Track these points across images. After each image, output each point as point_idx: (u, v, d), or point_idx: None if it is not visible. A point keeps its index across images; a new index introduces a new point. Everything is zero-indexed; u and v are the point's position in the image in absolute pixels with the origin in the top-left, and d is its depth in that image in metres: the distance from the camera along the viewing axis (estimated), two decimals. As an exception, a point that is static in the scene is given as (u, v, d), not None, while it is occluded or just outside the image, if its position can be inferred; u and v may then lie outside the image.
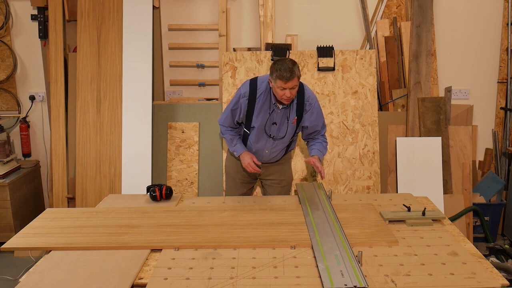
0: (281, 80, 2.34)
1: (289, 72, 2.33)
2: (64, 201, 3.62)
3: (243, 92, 2.57)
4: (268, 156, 2.72)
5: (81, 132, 3.56)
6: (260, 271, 1.79)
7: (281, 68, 2.34)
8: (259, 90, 2.55)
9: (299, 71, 2.40)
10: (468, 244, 2.03)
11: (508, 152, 3.91)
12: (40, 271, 1.81)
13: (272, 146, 2.67)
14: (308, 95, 2.60)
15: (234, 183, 2.90)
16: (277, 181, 2.87)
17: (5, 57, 3.89)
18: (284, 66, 2.35)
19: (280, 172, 2.85)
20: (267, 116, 2.57)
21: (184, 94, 4.00)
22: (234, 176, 2.88)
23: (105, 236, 2.11)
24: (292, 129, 2.64)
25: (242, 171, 2.83)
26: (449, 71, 3.90)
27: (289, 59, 2.42)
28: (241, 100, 2.57)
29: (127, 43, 3.56)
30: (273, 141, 2.65)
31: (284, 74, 2.33)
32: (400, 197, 2.62)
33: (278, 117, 2.58)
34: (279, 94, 2.42)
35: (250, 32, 3.88)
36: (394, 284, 1.68)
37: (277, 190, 2.88)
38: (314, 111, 2.61)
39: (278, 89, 2.39)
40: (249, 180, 2.90)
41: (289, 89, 2.37)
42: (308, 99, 2.58)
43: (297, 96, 2.55)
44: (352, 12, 3.86)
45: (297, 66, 2.40)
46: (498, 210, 3.73)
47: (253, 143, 2.68)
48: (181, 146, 3.61)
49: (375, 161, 3.49)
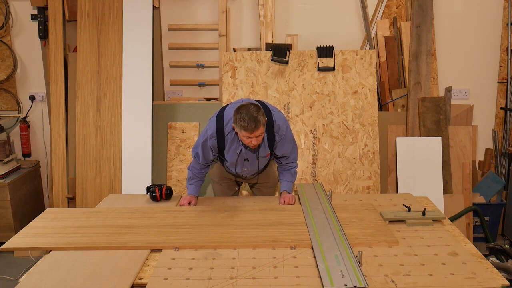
0: (246, 131, 2.23)
1: (253, 123, 2.20)
2: (64, 201, 3.62)
3: (210, 133, 2.46)
4: (247, 172, 2.68)
5: (81, 132, 3.56)
6: (260, 271, 1.79)
7: (245, 119, 2.20)
8: (226, 129, 2.45)
9: (264, 117, 2.26)
10: (468, 244, 2.03)
11: (508, 152, 3.91)
12: (40, 271, 1.81)
13: (249, 171, 2.66)
14: (278, 127, 2.46)
15: (220, 187, 2.93)
16: (262, 184, 2.91)
17: (5, 57, 3.89)
18: (248, 115, 2.20)
19: (263, 176, 2.87)
20: (235, 156, 2.52)
21: (184, 94, 4.00)
22: (218, 181, 2.91)
23: (105, 236, 2.11)
24: (265, 161, 2.64)
25: (224, 177, 2.85)
26: (449, 71, 3.90)
27: (254, 106, 2.25)
28: (209, 140, 2.48)
29: (127, 43, 3.56)
30: (248, 168, 2.63)
31: (248, 125, 2.20)
32: (400, 197, 2.62)
33: (248, 154, 2.52)
34: (245, 142, 2.32)
35: (250, 32, 3.88)
36: (394, 284, 1.68)
37: (264, 191, 2.93)
38: (285, 141, 2.52)
39: (244, 138, 2.29)
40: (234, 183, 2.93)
41: (255, 137, 2.27)
42: (278, 131, 2.47)
43: (266, 131, 2.42)
44: (352, 12, 3.86)
45: (261, 112, 2.25)
46: (498, 210, 3.73)
47: (230, 167, 2.65)
48: (181, 146, 3.61)
49: (375, 161, 3.49)
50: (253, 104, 2.28)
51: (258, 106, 2.29)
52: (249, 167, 2.61)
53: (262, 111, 2.28)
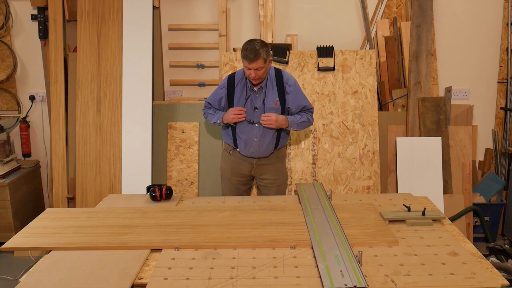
0: (245, 60, 2.40)
1: (253, 53, 2.37)
2: (64, 201, 3.62)
3: (222, 83, 2.69)
4: (258, 146, 2.70)
5: (81, 132, 3.56)
6: (260, 271, 1.79)
7: (247, 48, 2.38)
8: (236, 78, 2.63)
9: (267, 53, 2.41)
10: (468, 244, 2.03)
11: (508, 152, 3.91)
12: (40, 271, 1.81)
13: (259, 134, 2.67)
14: (287, 77, 2.63)
15: (231, 185, 2.89)
16: (271, 181, 2.86)
17: (5, 57, 3.89)
18: (251, 46, 2.38)
19: (273, 171, 2.84)
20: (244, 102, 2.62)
21: (184, 94, 4.00)
22: (230, 178, 2.87)
23: (105, 236, 2.11)
24: (276, 112, 2.64)
25: (237, 172, 2.83)
26: (449, 71, 3.90)
27: (260, 40, 2.44)
28: (220, 90, 2.68)
29: (127, 43, 3.57)
30: (258, 127, 2.65)
31: (248, 54, 2.37)
32: (400, 197, 2.62)
33: (258, 101, 2.60)
34: (246, 73, 2.49)
35: (250, 32, 3.88)
36: (394, 284, 1.68)
37: (273, 190, 2.87)
38: (298, 92, 2.65)
39: (245, 68, 2.46)
40: (245, 181, 2.89)
41: (254, 69, 2.41)
42: (287, 81, 2.62)
43: (275, 79, 2.59)
44: (352, 12, 3.86)
45: (266, 48, 2.41)
46: (498, 210, 3.73)
47: (241, 134, 2.70)
48: (181, 146, 3.61)
49: (375, 161, 3.49)
50: (260, 40, 2.45)
51: (264, 42, 2.44)
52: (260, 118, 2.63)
53: (268, 48, 2.43)
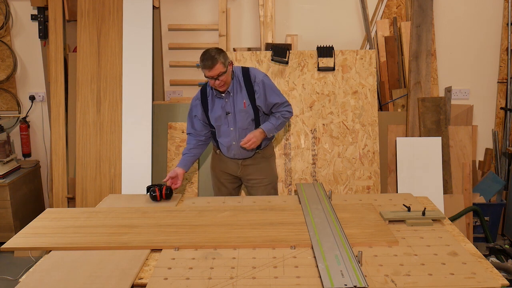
0: (205, 69, 2.41)
1: (210, 61, 2.38)
2: (64, 201, 3.62)
3: (196, 95, 2.70)
4: (238, 148, 2.70)
5: (81, 132, 3.56)
6: (260, 271, 1.79)
7: (204, 58, 2.40)
8: (208, 88, 2.64)
9: (224, 57, 2.43)
10: (468, 244, 2.03)
11: (508, 152, 3.91)
12: (40, 271, 1.81)
13: (237, 137, 2.69)
14: (254, 75, 2.63)
15: (219, 183, 2.93)
16: (258, 181, 2.86)
17: (5, 57, 3.89)
18: (207, 55, 2.41)
19: (258, 171, 2.85)
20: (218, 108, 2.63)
21: (184, 94, 4.00)
22: (218, 176, 2.91)
23: (105, 236, 2.10)
24: (246, 113, 2.64)
25: (224, 171, 2.86)
26: (449, 71, 3.90)
27: (215, 48, 2.46)
28: (195, 102, 2.69)
29: (127, 43, 3.57)
30: (234, 131, 2.67)
31: (206, 63, 2.39)
32: (400, 197, 2.62)
33: (228, 106, 2.62)
34: (210, 84, 2.50)
35: (250, 32, 3.88)
36: (394, 284, 1.68)
37: (260, 190, 2.87)
38: (267, 89, 2.63)
39: (208, 79, 2.47)
40: (232, 179, 2.92)
41: (215, 77, 2.42)
42: (254, 79, 2.62)
43: (243, 79, 2.60)
44: (352, 12, 3.86)
45: (222, 53, 2.43)
46: (498, 210, 3.73)
47: (221, 139, 2.74)
48: (181, 146, 3.61)
49: (375, 161, 3.49)
50: (215, 47, 2.47)
51: (220, 49, 2.47)
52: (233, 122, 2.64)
53: (224, 54, 2.45)
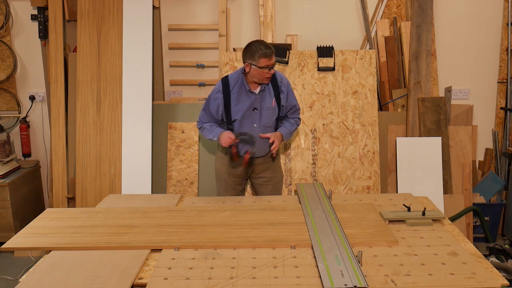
0: (265, 57, 2.45)
1: (270, 48, 2.46)
2: (64, 201, 3.62)
3: (217, 88, 2.66)
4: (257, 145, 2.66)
5: (81, 132, 3.56)
6: (260, 271, 1.79)
7: (262, 47, 2.45)
8: (231, 82, 2.63)
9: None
10: (468, 244, 2.03)
11: (508, 152, 3.91)
12: (40, 271, 1.81)
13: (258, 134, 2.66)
14: (281, 77, 2.70)
15: (226, 186, 2.87)
16: (267, 179, 2.85)
17: (5, 57, 3.89)
18: (264, 44, 2.48)
19: (269, 169, 2.84)
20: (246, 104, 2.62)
21: (184, 94, 4.00)
22: (226, 179, 2.84)
23: (105, 236, 2.11)
24: (273, 111, 2.68)
25: (233, 173, 2.81)
26: (449, 71, 3.90)
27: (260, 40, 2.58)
28: (216, 95, 2.64)
29: (127, 43, 3.56)
30: (258, 128, 2.66)
31: (267, 51, 2.44)
32: (400, 197, 2.62)
33: (257, 102, 2.63)
34: (263, 74, 2.50)
35: (250, 32, 3.88)
36: (394, 284, 1.68)
37: (269, 188, 2.86)
38: (290, 92, 2.74)
39: (262, 70, 2.48)
40: (240, 181, 2.88)
41: (272, 66, 2.49)
42: (281, 80, 2.69)
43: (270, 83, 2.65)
44: (352, 12, 3.86)
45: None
46: (498, 210, 3.73)
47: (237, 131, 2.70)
48: (181, 146, 3.61)
49: (375, 161, 3.49)
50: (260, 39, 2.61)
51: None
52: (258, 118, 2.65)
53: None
